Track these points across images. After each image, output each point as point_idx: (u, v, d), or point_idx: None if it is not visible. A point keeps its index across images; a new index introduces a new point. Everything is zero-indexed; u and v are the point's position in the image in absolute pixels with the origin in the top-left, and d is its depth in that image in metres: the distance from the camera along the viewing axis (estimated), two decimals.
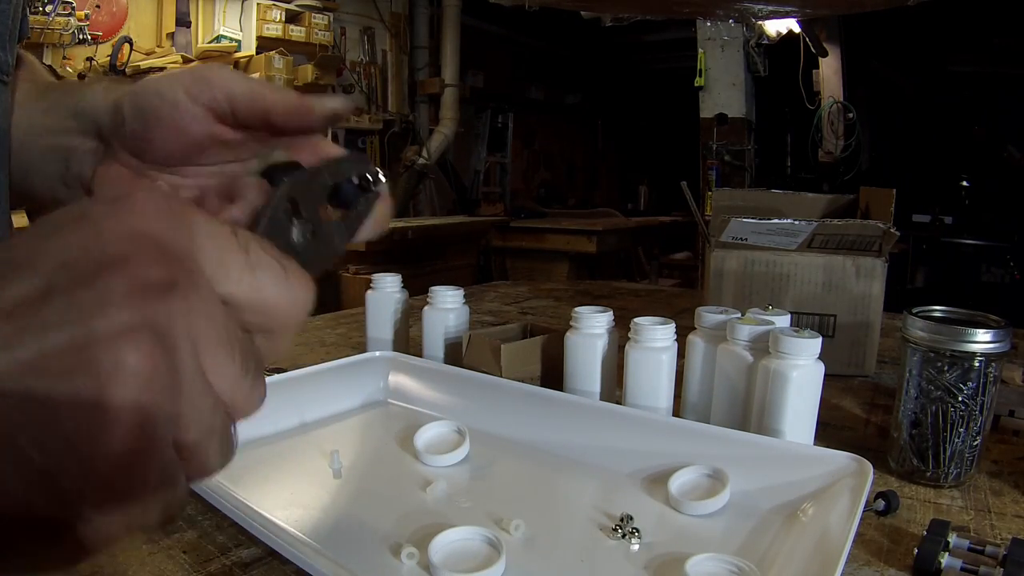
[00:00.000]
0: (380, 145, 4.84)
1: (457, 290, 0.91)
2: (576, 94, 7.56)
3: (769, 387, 0.63)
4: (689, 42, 4.73)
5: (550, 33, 6.26)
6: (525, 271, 4.60)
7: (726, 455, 0.60)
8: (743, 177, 4.65)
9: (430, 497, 0.59)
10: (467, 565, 0.48)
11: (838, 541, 0.46)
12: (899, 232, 0.93)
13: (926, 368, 0.64)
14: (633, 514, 0.54)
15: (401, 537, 0.53)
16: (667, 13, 2.80)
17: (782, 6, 2.65)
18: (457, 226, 4.50)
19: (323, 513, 0.58)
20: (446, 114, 4.99)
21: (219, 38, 3.76)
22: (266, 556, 0.52)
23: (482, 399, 0.74)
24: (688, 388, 0.75)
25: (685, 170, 2.64)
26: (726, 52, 4.54)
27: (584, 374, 0.75)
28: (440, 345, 0.90)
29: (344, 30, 4.57)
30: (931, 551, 0.50)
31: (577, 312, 0.75)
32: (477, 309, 1.37)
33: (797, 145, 5.26)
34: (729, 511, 0.56)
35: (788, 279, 0.98)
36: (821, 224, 0.95)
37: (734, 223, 0.97)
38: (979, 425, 0.63)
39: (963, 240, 4.37)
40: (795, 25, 4.24)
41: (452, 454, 0.66)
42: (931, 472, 0.65)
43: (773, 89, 4.78)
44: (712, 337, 0.72)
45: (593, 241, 4.60)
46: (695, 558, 0.48)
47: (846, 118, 4.79)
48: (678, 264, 5.53)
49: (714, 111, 4.65)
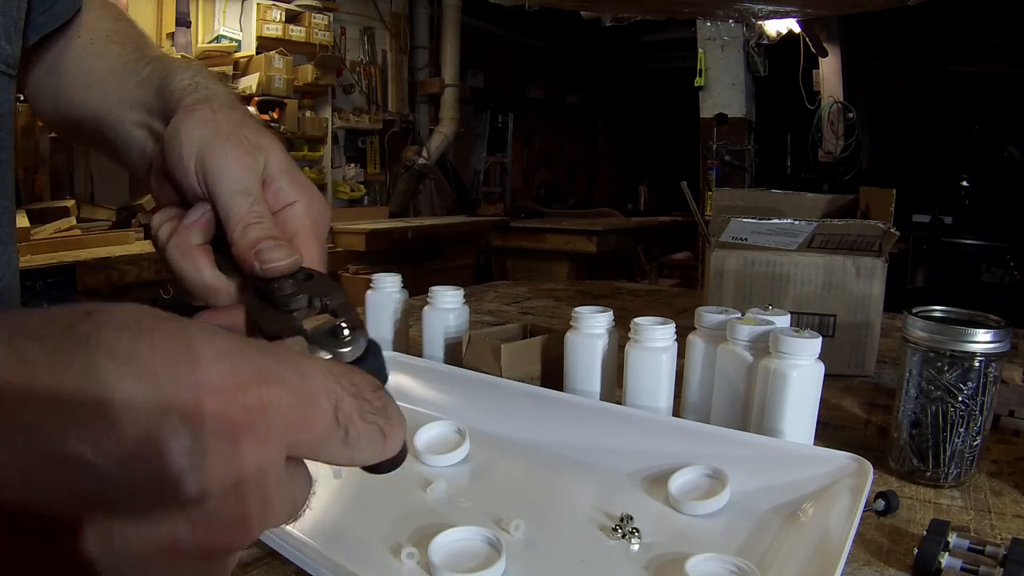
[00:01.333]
0: (380, 145, 4.84)
1: (457, 290, 0.91)
2: (576, 94, 7.56)
3: (769, 387, 0.63)
4: (689, 42, 4.73)
5: (550, 33, 6.26)
6: (525, 271, 4.61)
7: (726, 455, 0.60)
8: (743, 177, 4.65)
9: (430, 497, 0.59)
10: (467, 565, 0.48)
11: (838, 541, 0.46)
12: (899, 232, 0.93)
13: (926, 368, 0.63)
14: (633, 514, 0.54)
15: (401, 537, 0.53)
16: (667, 13, 2.80)
17: (782, 6, 2.65)
18: (457, 226, 4.50)
19: (323, 513, 0.57)
20: (446, 114, 4.99)
21: (219, 38, 3.76)
22: (266, 556, 0.52)
23: (482, 399, 0.74)
24: (688, 388, 0.75)
25: (685, 170, 2.64)
26: (726, 52, 4.54)
27: (584, 374, 0.75)
28: (440, 345, 0.90)
29: (344, 30, 4.57)
30: (931, 551, 0.50)
31: (577, 312, 0.75)
32: (477, 309, 1.37)
33: (797, 145, 5.27)
34: (729, 511, 0.56)
35: (788, 279, 0.98)
36: (821, 224, 0.95)
37: (734, 223, 0.97)
38: (979, 425, 0.63)
39: (963, 240, 4.36)
40: (795, 25, 4.24)
41: (452, 454, 0.66)
42: (931, 472, 0.65)
43: (773, 89, 4.78)
44: (712, 337, 0.72)
45: (593, 241, 4.60)
46: (695, 558, 0.48)
47: (846, 118, 4.80)
48: (678, 264, 5.53)
49: (714, 111, 4.65)
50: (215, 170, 0.39)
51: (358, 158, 4.74)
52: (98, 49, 0.52)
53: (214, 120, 0.41)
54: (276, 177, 0.41)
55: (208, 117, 0.41)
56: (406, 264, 3.61)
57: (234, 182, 0.39)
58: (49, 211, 2.85)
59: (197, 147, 0.39)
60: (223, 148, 0.39)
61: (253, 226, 0.37)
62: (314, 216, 0.42)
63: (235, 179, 0.39)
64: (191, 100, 0.42)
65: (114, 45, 0.52)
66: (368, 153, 4.80)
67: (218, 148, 0.39)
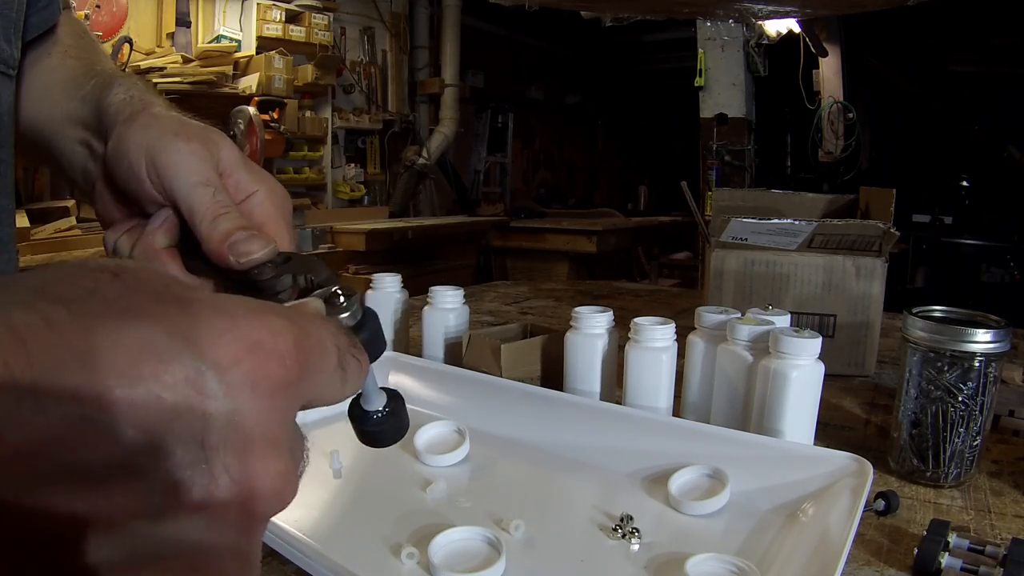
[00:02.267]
0: (380, 145, 4.84)
1: (457, 290, 0.91)
2: (576, 94, 7.56)
3: (769, 387, 0.63)
4: (689, 42, 4.73)
5: (550, 33, 6.26)
6: (525, 271, 4.61)
7: (726, 455, 0.60)
8: (743, 177, 4.64)
9: (430, 497, 0.59)
10: (467, 565, 0.48)
11: (838, 541, 0.46)
12: (899, 232, 0.93)
13: (926, 368, 0.63)
14: (633, 514, 0.54)
15: (401, 537, 0.53)
16: (667, 13, 2.80)
17: (782, 6, 2.65)
18: (457, 226, 4.50)
19: (323, 513, 0.58)
20: (446, 114, 4.99)
21: (219, 38, 3.75)
22: (266, 556, 0.52)
23: (482, 399, 0.74)
24: (688, 388, 0.75)
25: (685, 170, 2.64)
26: (726, 52, 4.54)
27: (584, 374, 0.75)
28: (440, 345, 0.90)
29: (344, 30, 4.57)
30: (931, 551, 0.50)
31: (577, 312, 0.75)
32: (477, 309, 1.37)
33: (797, 145, 5.26)
34: (729, 511, 0.56)
35: (788, 279, 0.98)
36: (821, 224, 0.95)
37: (734, 223, 0.97)
38: (979, 425, 0.63)
39: (963, 240, 4.36)
40: (795, 25, 4.24)
41: (452, 454, 0.66)
42: (931, 472, 0.65)
43: (773, 89, 4.78)
44: (712, 337, 0.72)
45: (593, 241, 4.60)
46: (695, 558, 0.48)
47: (846, 118, 4.79)
48: (678, 264, 5.53)
49: (714, 111, 4.65)
50: (169, 165, 0.38)
51: (358, 158, 4.74)
52: (56, 62, 0.52)
53: (156, 123, 0.40)
54: (233, 168, 0.40)
55: (149, 122, 0.40)
56: (406, 264, 3.61)
57: (191, 174, 0.38)
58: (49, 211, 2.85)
59: (145, 150, 0.38)
60: (173, 144, 0.38)
61: (221, 218, 0.37)
62: (278, 202, 0.41)
63: (192, 171, 0.38)
64: (128, 113, 0.41)
65: (70, 59, 0.52)
66: (368, 153, 4.80)
67: (167, 145, 0.38)
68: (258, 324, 0.22)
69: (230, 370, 0.20)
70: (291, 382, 0.22)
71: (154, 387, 0.19)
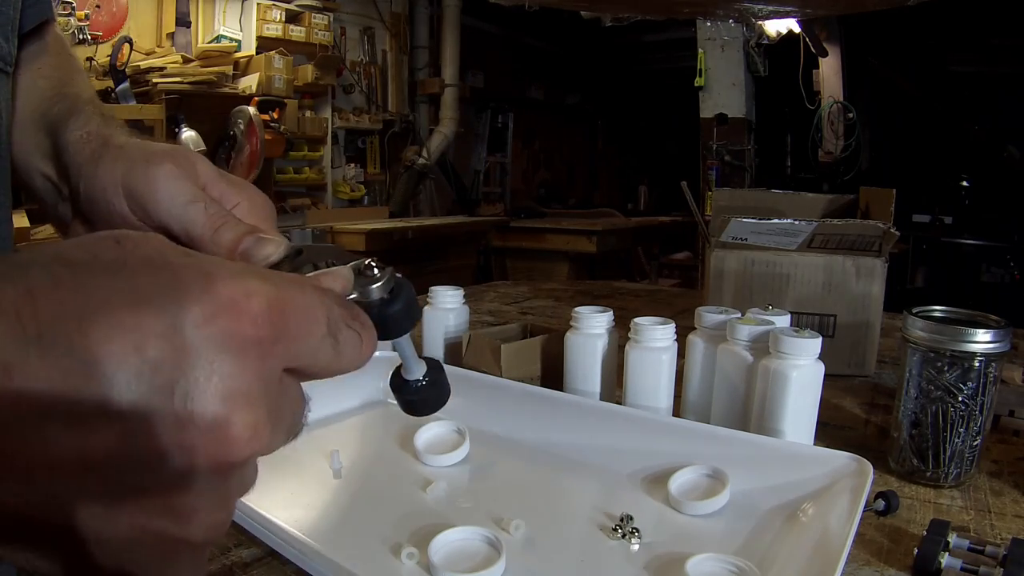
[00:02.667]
0: (380, 145, 4.84)
1: (457, 290, 0.91)
2: (576, 94, 7.56)
3: (769, 387, 0.63)
4: (689, 42, 4.73)
5: (550, 33, 6.26)
6: (525, 271, 4.60)
7: (726, 455, 0.60)
8: (743, 177, 4.64)
9: (430, 497, 0.59)
10: (467, 565, 0.48)
11: (838, 541, 0.46)
12: (899, 232, 0.93)
13: (926, 368, 0.63)
14: (633, 514, 0.54)
15: (401, 537, 0.53)
16: (667, 13, 2.80)
17: (782, 6, 2.65)
18: (457, 226, 4.50)
19: (323, 513, 0.58)
20: (446, 114, 4.99)
21: (219, 38, 3.75)
22: (266, 556, 0.52)
23: (482, 399, 0.74)
24: (688, 388, 0.75)
25: (685, 170, 2.64)
26: (726, 52, 4.54)
27: (584, 374, 0.75)
28: (440, 345, 0.90)
29: (344, 30, 4.56)
30: (931, 551, 0.50)
31: (577, 312, 0.75)
32: (477, 309, 1.37)
33: (797, 145, 5.26)
34: (729, 511, 0.56)
35: (788, 279, 0.98)
36: (821, 224, 0.95)
37: (734, 223, 0.97)
38: (979, 425, 0.63)
39: (963, 240, 4.36)
40: (795, 25, 4.24)
41: (452, 454, 0.66)
42: (931, 472, 0.65)
43: (773, 89, 4.78)
44: (712, 337, 0.72)
45: (593, 241, 4.60)
46: (695, 558, 0.48)
47: (846, 118, 4.79)
48: (678, 264, 5.53)
49: (714, 111, 4.65)
50: (150, 194, 0.37)
51: (358, 158, 4.73)
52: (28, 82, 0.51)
53: (123, 155, 0.39)
54: (213, 181, 0.40)
55: (116, 155, 0.40)
56: (406, 264, 3.61)
57: (176, 195, 0.37)
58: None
59: (121, 186, 0.38)
60: (148, 172, 0.38)
61: (222, 228, 0.37)
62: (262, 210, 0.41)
63: (176, 192, 0.37)
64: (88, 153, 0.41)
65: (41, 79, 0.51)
66: (368, 153, 4.80)
67: (142, 174, 0.38)
68: (234, 285, 0.23)
69: (203, 326, 0.22)
70: (262, 340, 0.23)
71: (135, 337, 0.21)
